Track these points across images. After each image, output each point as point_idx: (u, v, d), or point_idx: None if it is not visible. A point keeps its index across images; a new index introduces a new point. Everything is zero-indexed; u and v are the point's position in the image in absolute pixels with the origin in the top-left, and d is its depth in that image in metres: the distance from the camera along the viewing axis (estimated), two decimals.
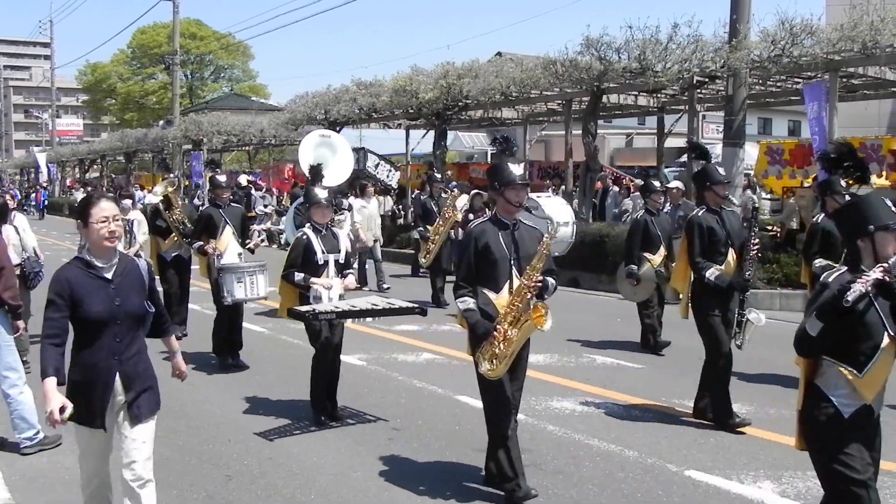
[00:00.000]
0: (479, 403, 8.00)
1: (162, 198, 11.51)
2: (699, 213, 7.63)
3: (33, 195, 50.25)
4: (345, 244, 7.69)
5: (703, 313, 7.48)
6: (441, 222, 14.04)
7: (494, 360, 5.53)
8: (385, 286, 16.09)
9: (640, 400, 8.20)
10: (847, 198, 7.13)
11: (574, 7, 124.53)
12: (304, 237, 7.50)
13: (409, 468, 6.36)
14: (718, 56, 15.66)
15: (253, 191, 26.54)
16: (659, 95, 20.47)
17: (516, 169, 5.81)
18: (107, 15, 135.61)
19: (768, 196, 19.51)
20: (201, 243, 10.11)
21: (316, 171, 8.33)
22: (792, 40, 14.63)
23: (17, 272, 9.11)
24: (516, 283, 5.60)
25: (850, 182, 6.70)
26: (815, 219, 8.82)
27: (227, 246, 10.07)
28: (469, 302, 5.62)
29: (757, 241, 7.44)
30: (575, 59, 17.45)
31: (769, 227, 17.54)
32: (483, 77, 20.12)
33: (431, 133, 23.88)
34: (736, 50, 15.00)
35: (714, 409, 7.44)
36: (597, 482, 6.03)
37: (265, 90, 74.02)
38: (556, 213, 11.33)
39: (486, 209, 17.51)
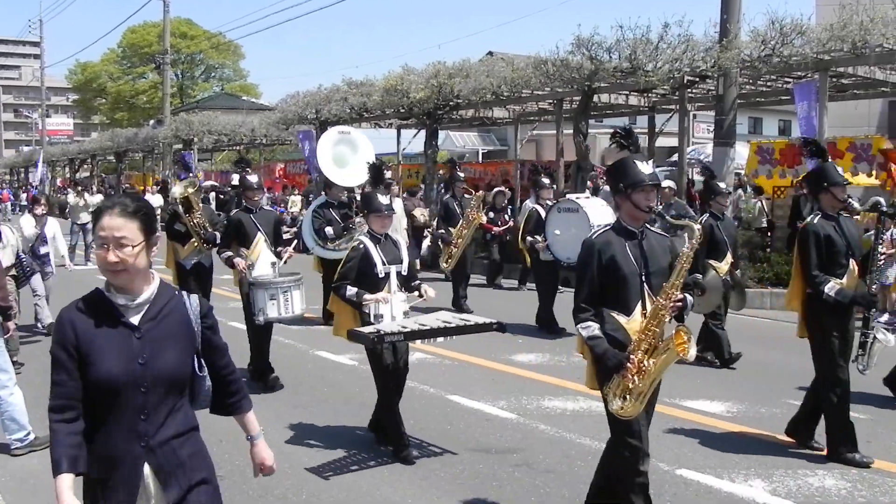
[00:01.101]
0: (470, 402, 8.06)
1: (181, 199, 10.41)
2: (815, 220, 6.57)
3: (24, 195, 50.07)
4: (407, 254, 6.86)
5: (821, 334, 6.55)
6: (464, 224, 13.38)
7: (628, 397, 4.76)
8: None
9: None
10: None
11: (565, 7, 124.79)
12: (361, 246, 6.65)
13: (401, 468, 6.36)
14: (709, 56, 15.69)
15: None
16: (650, 95, 20.50)
17: (644, 167, 4.88)
18: (97, 14, 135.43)
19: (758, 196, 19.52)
20: (230, 254, 9.07)
21: (379, 172, 7.57)
22: (782, 40, 14.68)
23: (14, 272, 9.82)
24: (649, 303, 4.78)
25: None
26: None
27: (259, 256, 9.07)
28: (593, 328, 4.77)
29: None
30: (566, 58, 17.47)
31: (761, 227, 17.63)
32: (474, 76, 20.11)
33: (423, 133, 23.87)
34: (726, 50, 15.03)
35: (834, 442, 6.55)
36: (588, 481, 6.00)
37: (256, 90, 73.93)
38: (597, 215, 10.53)
39: (509, 209, 17.19)
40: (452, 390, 8.45)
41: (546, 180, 12.33)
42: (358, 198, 12.56)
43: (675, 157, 21.86)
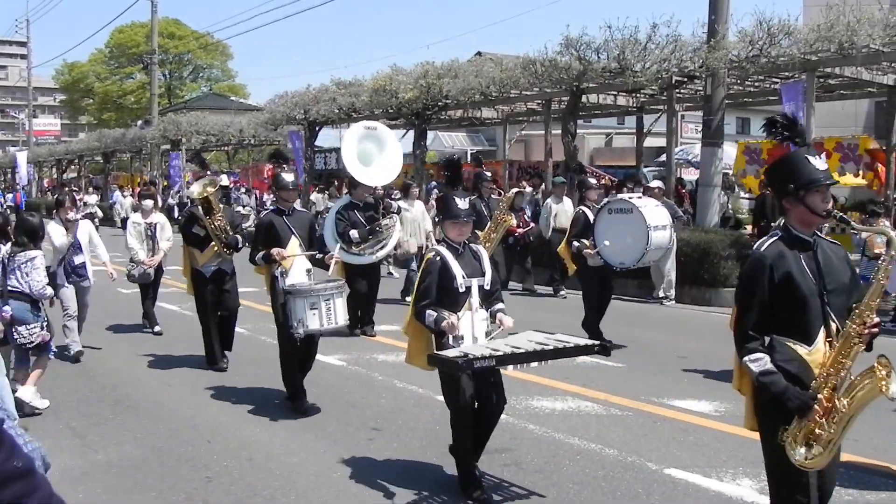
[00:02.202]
0: None
1: (200, 200, 9.48)
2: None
3: (10, 196, 49.79)
4: (490, 266, 6.06)
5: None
6: (492, 227, 12.50)
7: (815, 445, 3.95)
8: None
9: (620, 399, 8.22)
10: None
11: (553, 7, 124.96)
12: (438, 258, 5.82)
13: (390, 468, 6.35)
14: (697, 56, 15.74)
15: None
16: (638, 95, 20.56)
17: (818, 163, 4.12)
18: (84, 14, 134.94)
19: (747, 195, 19.63)
20: (264, 252, 8.10)
21: (456, 170, 6.52)
22: (770, 41, 14.74)
23: None
24: (833, 329, 4.03)
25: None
26: None
27: (294, 262, 8.11)
28: (765, 360, 4.01)
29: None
30: (554, 58, 17.52)
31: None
32: (463, 77, 20.14)
33: (411, 133, 23.89)
34: (714, 50, 15.08)
35: None
36: (577, 481, 6.04)
37: (244, 90, 73.87)
38: (652, 215, 10.12)
39: (525, 209, 16.33)
40: (440, 391, 8.44)
41: (593, 180, 11.45)
42: (389, 198, 12.19)
43: (663, 158, 21.91)
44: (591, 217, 10.53)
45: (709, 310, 13.86)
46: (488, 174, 14.22)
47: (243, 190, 30.90)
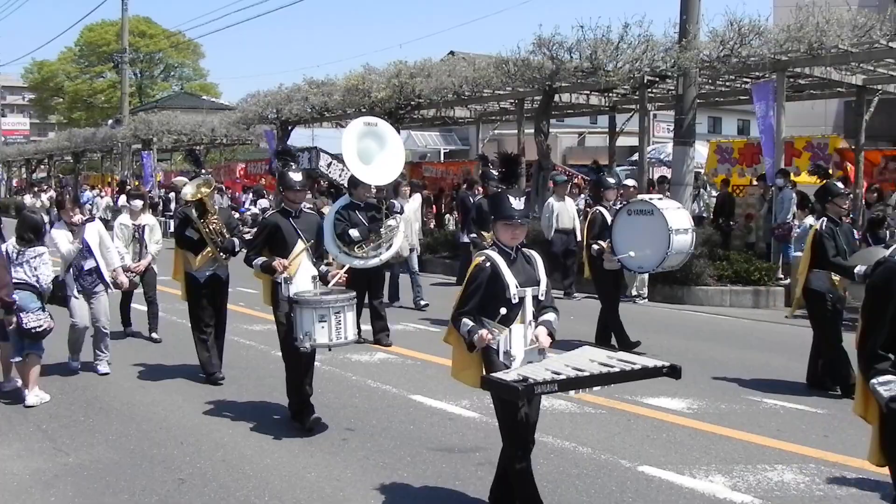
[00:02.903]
0: (433, 402, 8.05)
1: (194, 201, 8.92)
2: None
3: None
4: (545, 273, 5.38)
5: None
6: None
7: None
8: (423, 303, 13.86)
9: (593, 397, 8.23)
10: None
11: (526, 7, 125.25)
12: (488, 264, 5.16)
13: (364, 468, 6.34)
14: (669, 56, 15.83)
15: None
16: (610, 95, 20.64)
17: None
18: (53, 12, 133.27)
19: (717, 194, 19.77)
20: (265, 259, 7.43)
21: (512, 165, 5.86)
22: (740, 41, 14.84)
23: None
24: None
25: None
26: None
27: (299, 268, 7.41)
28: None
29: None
30: (527, 58, 17.56)
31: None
32: (436, 76, 20.14)
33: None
34: (686, 50, 15.17)
35: None
36: (551, 479, 6.06)
37: (216, 89, 73.46)
38: (674, 218, 9.77)
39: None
40: (415, 390, 8.44)
41: (611, 179, 11.03)
42: (391, 198, 11.45)
43: (635, 157, 22.02)
44: (609, 218, 10.23)
45: (681, 308, 13.95)
46: (494, 173, 13.21)
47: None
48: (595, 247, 10.25)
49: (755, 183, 18.82)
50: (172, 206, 25.48)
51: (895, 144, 21.39)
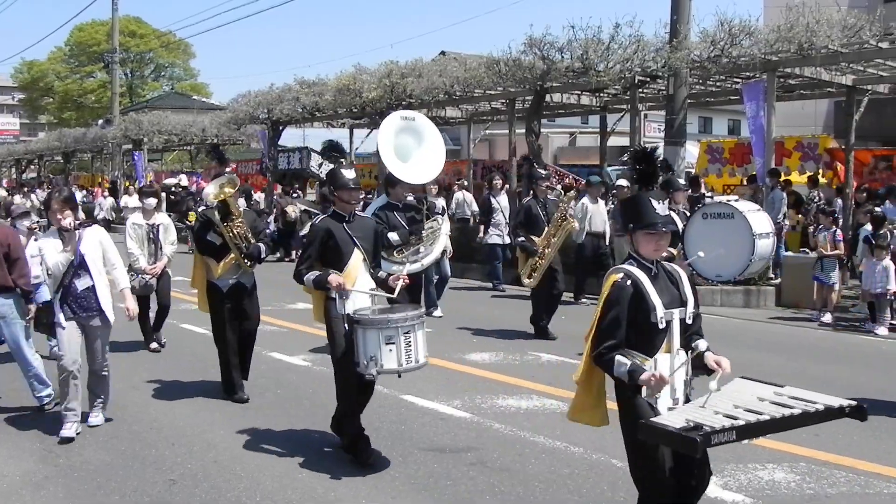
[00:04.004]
0: (424, 402, 8.05)
1: (217, 202, 8.10)
2: None
3: None
4: (692, 291, 4.58)
5: None
6: (551, 232, 11.05)
7: None
8: (436, 313, 12.44)
9: None
10: None
11: (517, 7, 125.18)
12: (629, 282, 4.38)
13: (356, 468, 6.33)
14: (659, 56, 15.86)
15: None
16: (601, 95, 20.67)
17: None
18: (43, 11, 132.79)
19: (710, 194, 19.82)
20: (318, 273, 6.42)
21: (652, 163, 4.81)
22: (731, 41, 14.87)
23: None
24: None
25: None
26: None
27: (356, 280, 6.51)
28: None
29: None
30: (518, 58, 17.57)
31: None
32: (427, 76, 20.14)
33: (375, 132, 23.84)
34: (676, 50, 15.20)
35: None
36: (543, 479, 6.07)
37: (206, 89, 73.36)
38: (756, 221, 9.19)
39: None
40: (406, 390, 8.43)
41: (681, 181, 10.07)
42: (433, 199, 10.57)
43: (626, 157, 22.04)
44: (680, 223, 9.45)
45: None
46: (542, 172, 12.20)
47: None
48: (664, 254, 9.78)
49: (745, 183, 18.89)
50: (163, 206, 25.37)
51: (885, 144, 21.45)
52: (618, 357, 4.26)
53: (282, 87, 25.29)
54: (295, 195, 23.15)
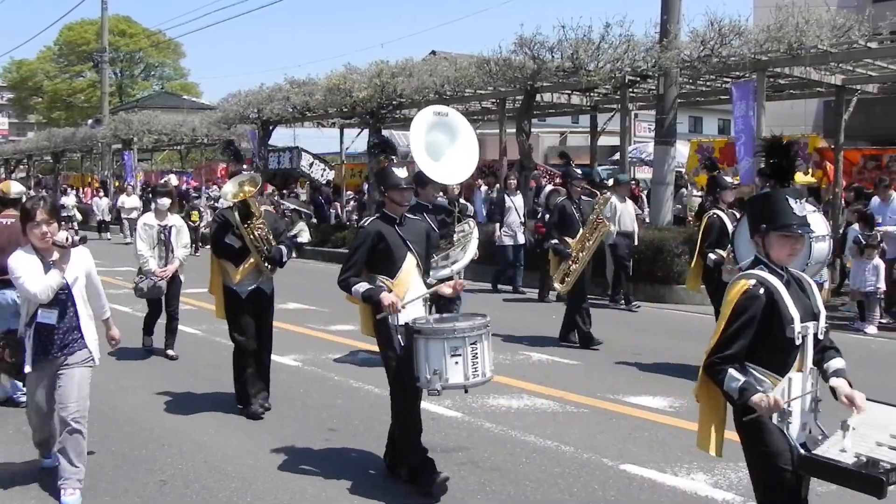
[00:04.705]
0: None
1: (236, 202, 7.64)
2: None
3: None
4: (821, 302, 4.11)
5: None
6: (586, 234, 10.65)
7: None
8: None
9: (576, 396, 8.27)
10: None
11: (507, 6, 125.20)
12: (761, 290, 3.88)
13: (347, 469, 6.33)
14: (650, 56, 15.89)
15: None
16: (592, 94, 20.69)
17: None
18: (32, 10, 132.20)
19: (699, 193, 19.85)
20: (367, 286, 5.81)
21: (785, 154, 4.25)
22: (721, 41, 14.91)
23: None
24: None
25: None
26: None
27: (409, 288, 5.97)
28: None
29: None
30: (508, 58, 17.59)
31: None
32: (417, 76, 20.14)
33: (366, 132, 23.86)
34: (667, 50, 15.23)
35: None
36: (534, 478, 6.07)
37: (197, 88, 73.16)
38: (817, 223, 8.29)
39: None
40: None
41: (729, 178, 9.89)
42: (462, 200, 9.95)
43: (617, 156, 22.09)
44: (728, 223, 9.22)
45: (662, 307, 14.00)
46: (578, 172, 11.73)
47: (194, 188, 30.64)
48: (713, 256, 9.09)
49: (736, 181, 18.91)
50: (153, 206, 25.29)
51: (874, 144, 21.53)
52: (731, 371, 3.83)
53: (272, 86, 25.27)
54: (292, 195, 23.13)
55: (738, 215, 9.10)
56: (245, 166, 8.48)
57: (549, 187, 14.47)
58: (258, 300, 7.76)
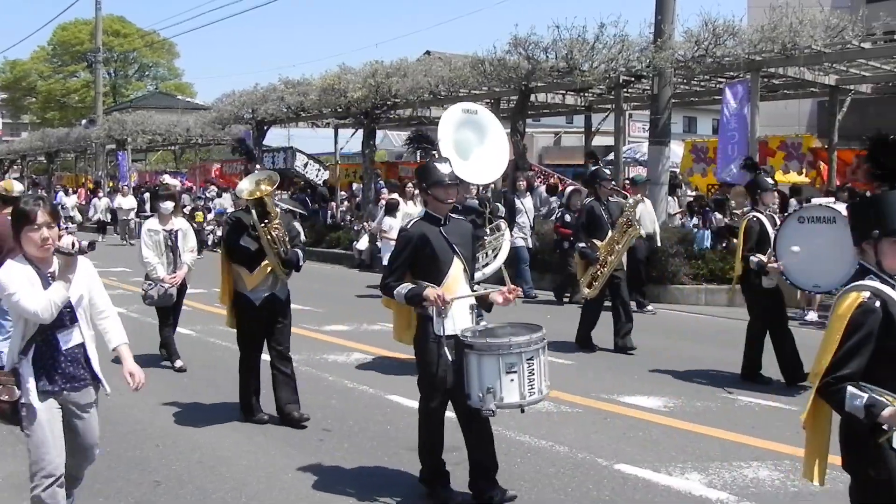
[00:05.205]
0: (410, 402, 8.01)
1: (252, 201, 7.20)
2: None
3: None
4: None
5: None
6: (616, 237, 10.33)
7: None
8: None
9: (570, 396, 8.27)
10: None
11: (502, 6, 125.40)
12: (877, 303, 3.50)
13: (341, 469, 6.33)
14: (644, 56, 15.90)
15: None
16: (586, 94, 20.72)
17: None
18: (26, 10, 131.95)
19: (693, 193, 19.88)
20: (411, 286, 5.43)
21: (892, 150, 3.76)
22: (715, 41, 14.94)
23: None
24: None
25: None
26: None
27: (456, 295, 5.45)
28: None
29: None
30: (503, 58, 17.59)
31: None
32: (412, 76, 20.13)
33: (360, 132, 23.84)
34: (661, 50, 15.24)
35: None
36: (528, 478, 6.07)
37: (191, 89, 72.92)
38: None
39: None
40: (392, 390, 8.43)
41: (770, 180, 9.34)
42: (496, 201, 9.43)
43: (611, 156, 22.11)
44: (769, 226, 8.85)
45: (657, 306, 14.00)
46: (607, 172, 11.42)
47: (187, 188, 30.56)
48: (754, 259, 8.69)
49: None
50: (147, 206, 25.23)
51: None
52: (851, 388, 3.41)
53: (266, 86, 25.24)
54: (294, 196, 23.04)
55: (776, 219, 8.95)
56: (258, 166, 8.15)
57: (570, 187, 14.25)
58: (272, 307, 7.34)
